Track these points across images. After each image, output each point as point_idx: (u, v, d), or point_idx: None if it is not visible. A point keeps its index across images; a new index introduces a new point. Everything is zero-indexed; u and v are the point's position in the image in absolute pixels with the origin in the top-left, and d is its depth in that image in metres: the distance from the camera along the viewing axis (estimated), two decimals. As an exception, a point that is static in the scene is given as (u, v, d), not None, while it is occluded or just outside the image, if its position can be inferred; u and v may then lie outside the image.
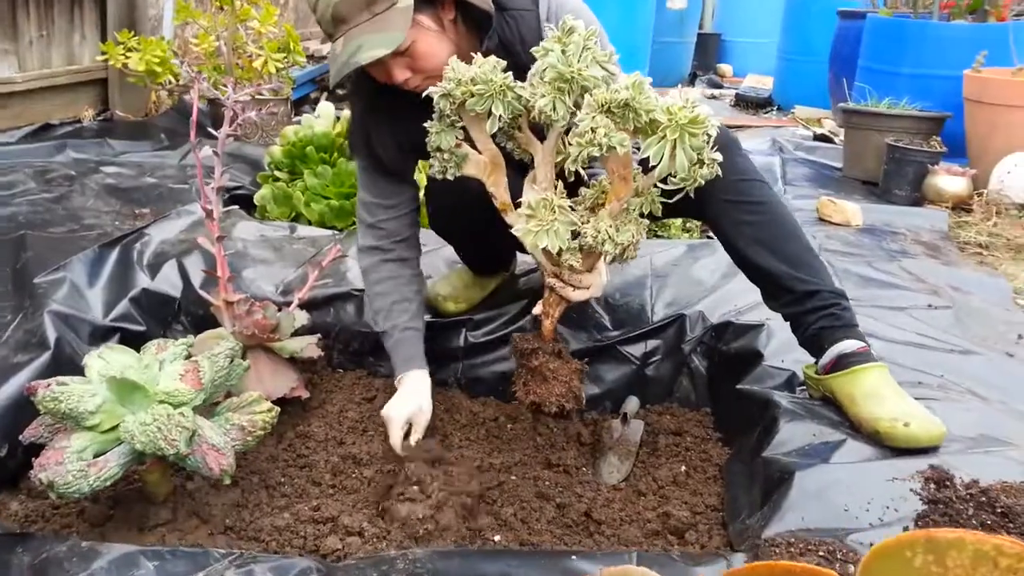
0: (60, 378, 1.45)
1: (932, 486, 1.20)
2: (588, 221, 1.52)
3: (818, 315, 1.57)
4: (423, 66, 1.54)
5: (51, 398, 1.39)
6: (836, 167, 3.97)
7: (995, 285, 2.40)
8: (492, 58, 1.48)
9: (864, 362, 1.51)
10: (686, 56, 7.75)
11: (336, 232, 2.77)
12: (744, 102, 6.52)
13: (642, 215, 1.54)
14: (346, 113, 2.95)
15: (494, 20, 1.63)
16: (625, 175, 1.47)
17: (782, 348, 1.83)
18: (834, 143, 4.43)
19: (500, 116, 1.47)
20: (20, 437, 1.47)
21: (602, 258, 1.59)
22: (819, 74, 5.54)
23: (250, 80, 3.81)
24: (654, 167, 1.39)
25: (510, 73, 1.46)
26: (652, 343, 2.10)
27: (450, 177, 1.59)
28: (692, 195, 1.47)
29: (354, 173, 2.40)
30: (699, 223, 2.92)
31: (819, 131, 4.74)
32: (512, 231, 1.56)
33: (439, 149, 1.56)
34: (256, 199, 3.05)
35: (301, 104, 5.01)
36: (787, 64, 6.32)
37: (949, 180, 3.27)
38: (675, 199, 1.47)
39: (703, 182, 1.40)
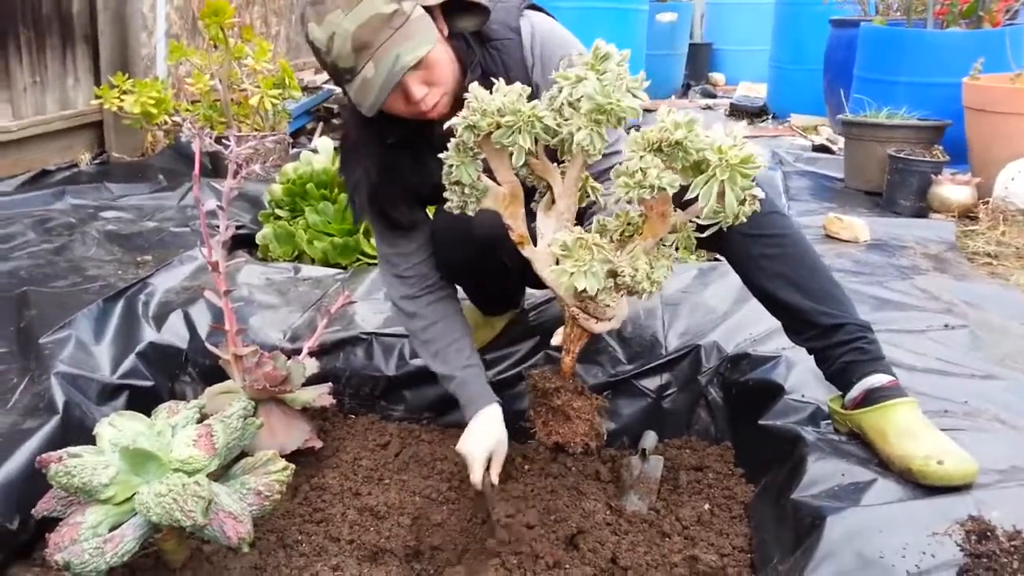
0: (72, 449, 1.43)
1: (973, 539, 1.16)
2: (618, 256, 1.47)
3: (844, 349, 1.54)
4: (436, 77, 1.49)
5: (64, 472, 1.36)
6: (837, 177, 3.96)
7: (1009, 299, 2.36)
8: (517, 85, 1.42)
9: (894, 397, 1.48)
10: (678, 67, 7.76)
11: (340, 271, 2.74)
12: (739, 112, 6.52)
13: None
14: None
15: (476, 52, 1.59)
16: (664, 212, 1.43)
17: (803, 380, 1.80)
18: (833, 153, 4.42)
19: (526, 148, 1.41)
20: (33, 511, 1.45)
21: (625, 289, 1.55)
22: (812, 82, 5.54)
23: (246, 117, 3.80)
24: (689, 202, 1.35)
25: (536, 102, 1.41)
26: (667, 376, 2.07)
27: (470, 212, 1.52)
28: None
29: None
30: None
31: (817, 140, 4.72)
32: (544, 273, 1.50)
33: (459, 183, 1.49)
34: (258, 238, 3.03)
35: (298, 135, 5.00)
36: (780, 72, 6.32)
37: (954, 189, 3.25)
38: (707, 233, 1.43)
39: (744, 219, 1.37)
